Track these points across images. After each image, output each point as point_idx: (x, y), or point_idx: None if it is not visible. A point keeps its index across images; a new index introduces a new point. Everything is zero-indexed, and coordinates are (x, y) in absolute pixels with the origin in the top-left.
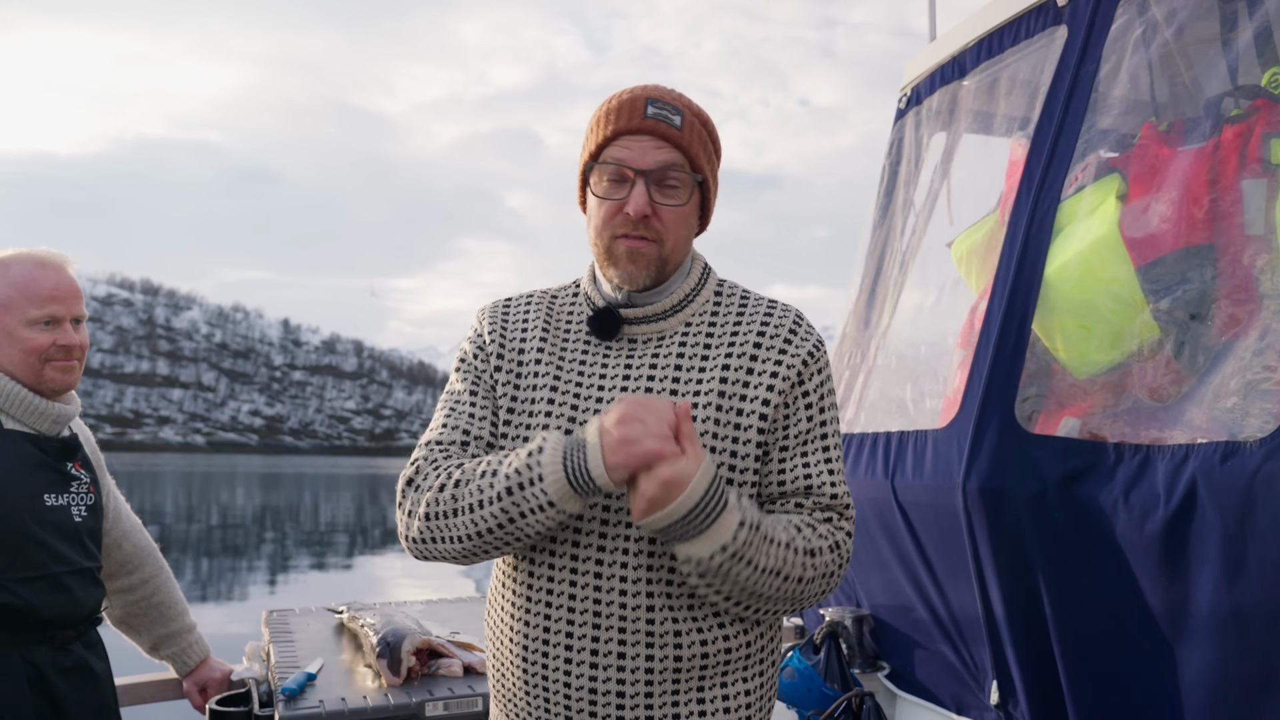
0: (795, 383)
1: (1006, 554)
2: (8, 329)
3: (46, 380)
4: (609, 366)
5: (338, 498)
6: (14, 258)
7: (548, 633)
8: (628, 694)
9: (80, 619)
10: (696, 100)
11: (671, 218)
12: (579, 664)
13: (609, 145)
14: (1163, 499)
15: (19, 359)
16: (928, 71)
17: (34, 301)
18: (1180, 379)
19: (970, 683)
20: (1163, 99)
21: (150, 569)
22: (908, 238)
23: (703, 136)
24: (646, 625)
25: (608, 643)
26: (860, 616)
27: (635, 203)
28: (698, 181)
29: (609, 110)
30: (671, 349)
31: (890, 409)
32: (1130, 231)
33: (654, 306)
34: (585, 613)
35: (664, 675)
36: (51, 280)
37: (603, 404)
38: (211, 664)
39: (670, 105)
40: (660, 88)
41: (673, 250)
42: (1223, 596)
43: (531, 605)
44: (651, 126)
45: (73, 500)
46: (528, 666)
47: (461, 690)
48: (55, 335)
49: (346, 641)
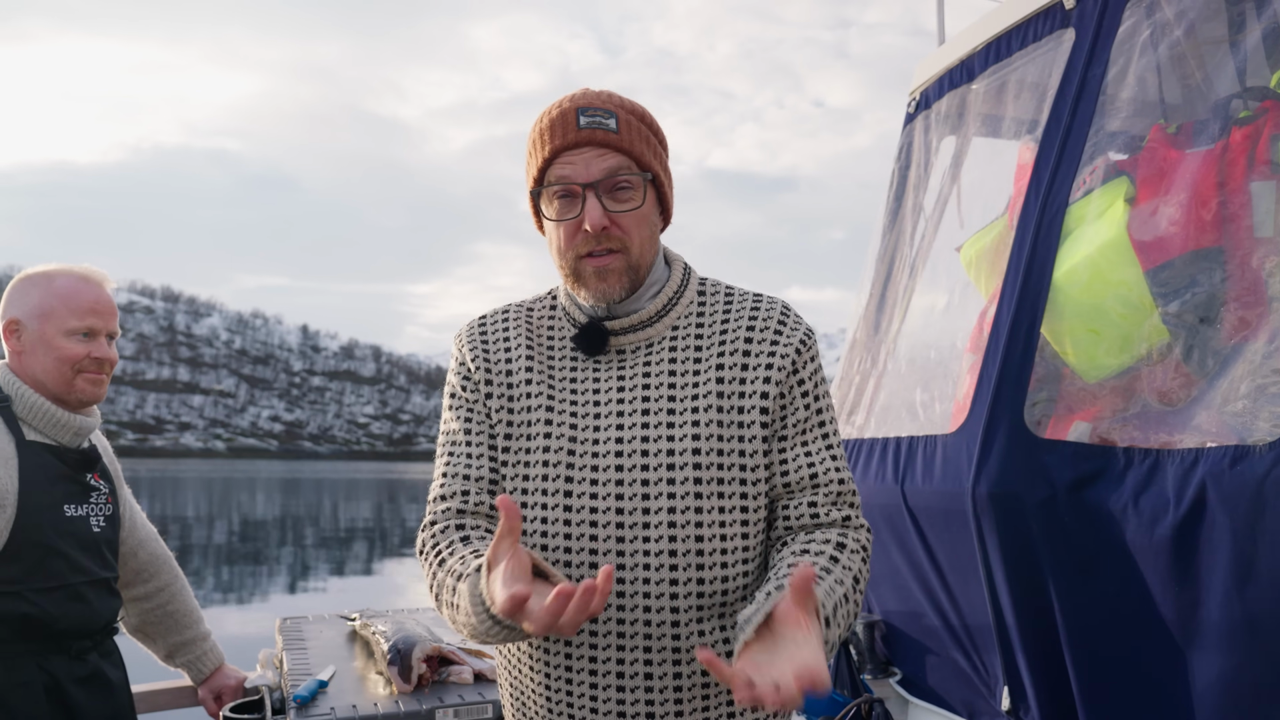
0: (790, 371)
1: (1016, 559)
2: (46, 337)
3: (76, 390)
4: (601, 380)
5: (357, 503)
6: (58, 271)
7: (570, 658)
8: (657, 714)
9: (97, 629)
10: (709, 100)
11: (631, 222)
12: (605, 687)
13: (550, 166)
14: (1172, 503)
15: (53, 367)
16: (936, 75)
17: (75, 313)
18: (1190, 383)
19: (981, 689)
20: (1171, 101)
21: (165, 577)
22: (917, 242)
23: (643, 132)
24: (673, 642)
25: (634, 663)
26: (871, 622)
27: (591, 217)
28: (648, 179)
29: (542, 130)
30: (663, 355)
31: (900, 414)
32: (1139, 235)
33: (638, 315)
34: (609, 634)
35: (693, 693)
36: (93, 294)
37: (600, 419)
38: (226, 671)
39: (602, 110)
40: (589, 93)
41: (640, 254)
42: (1233, 601)
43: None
44: (588, 137)
45: (92, 511)
46: (551, 695)
47: (472, 697)
48: (90, 347)
49: (359, 649)
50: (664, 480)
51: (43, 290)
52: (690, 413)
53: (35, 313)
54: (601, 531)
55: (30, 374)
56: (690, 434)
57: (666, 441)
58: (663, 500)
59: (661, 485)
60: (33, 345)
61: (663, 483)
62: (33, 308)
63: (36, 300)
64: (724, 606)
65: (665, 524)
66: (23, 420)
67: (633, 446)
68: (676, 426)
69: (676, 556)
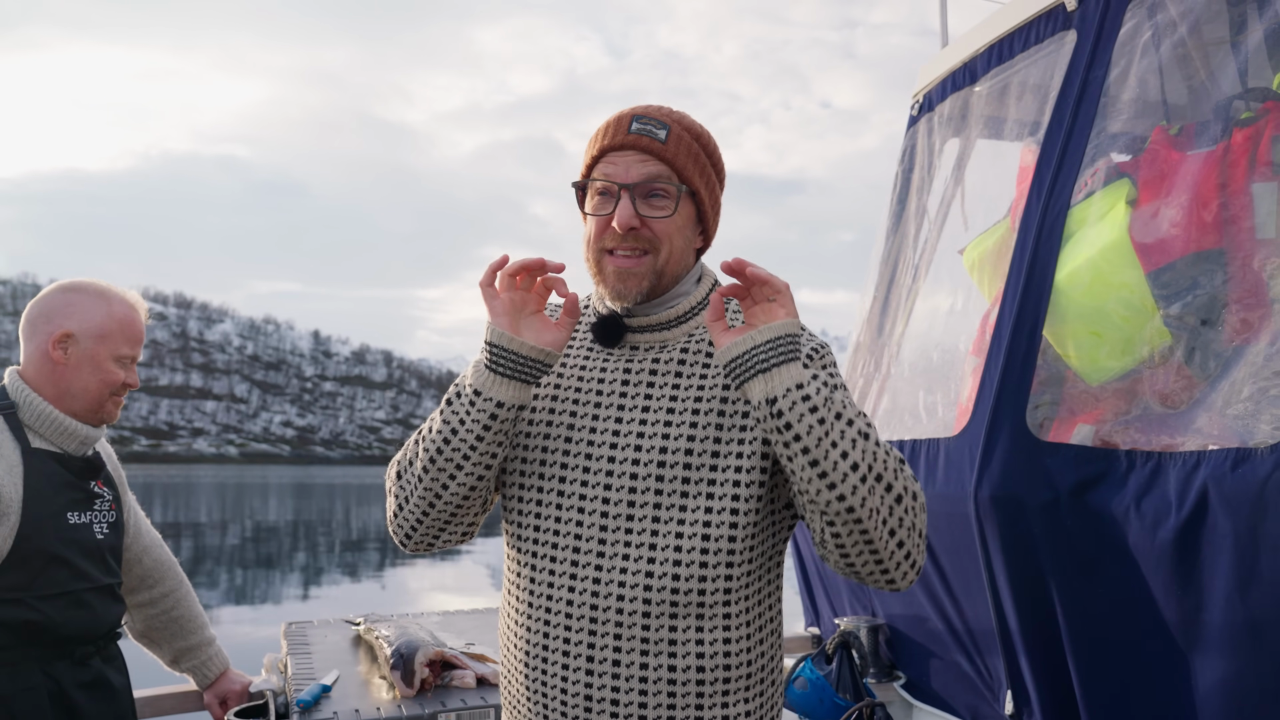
0: None
1: (1019, 563)
2: (98, 359)
3: (104, 412)
4: (608, 370)
5: (369, 508)
6: (111, 293)
7: (547, 638)
8: (622, 702)
9: (100, 634)
10: (716, 102)
11: (662, 228)
12: (575, 669)
13: (597, 163)
14: (1174, 507)
15: (95, 387)
16: (940, 78)
17: (128, 340)
18: (1191, 385)
19: (985, 693)
20: (1172, 102)
21: (170, 583)
22: (921, 245)
23: (693, 149)
24: (642, 632)
25: (603, 649)
26: (876, 626)
27: (621, 215)
28: (687, 193)
29: (599, 131)
30: (673, 356)
31: (903, 417)
32: (1140, 237)
33: (657, 316)
34: (582, 619)
35: (659, 686)
36: (140, 324)
37: (601, 408)
38: (231, 676)
39: (656, 120)
40: (652, 106)
41: (668, 261)
42: (1235, 604)
43: (533, 611)
44: (634, 141)
45: (95, 518)
46: (530, 672)
47: (474, 701)
48: (128, 374)
49: (363, 653)
50: (653, 476)
51: (104, 313)
52: (690, 414)
53: (94, 332)
54: (588, 518)
55: (62, 387)
56: (687, 434)
57: (661, 439)
58: (649, 495)
59: (650, 480)
60: (80, 361)
61: (651, 478)
62: (92, 327)
63: (98, 321)
64: (701, 608)
65: (650, 518)
66: (29, 427)
67: (628, 440)
68: (674, 425)
69: (655, 550)
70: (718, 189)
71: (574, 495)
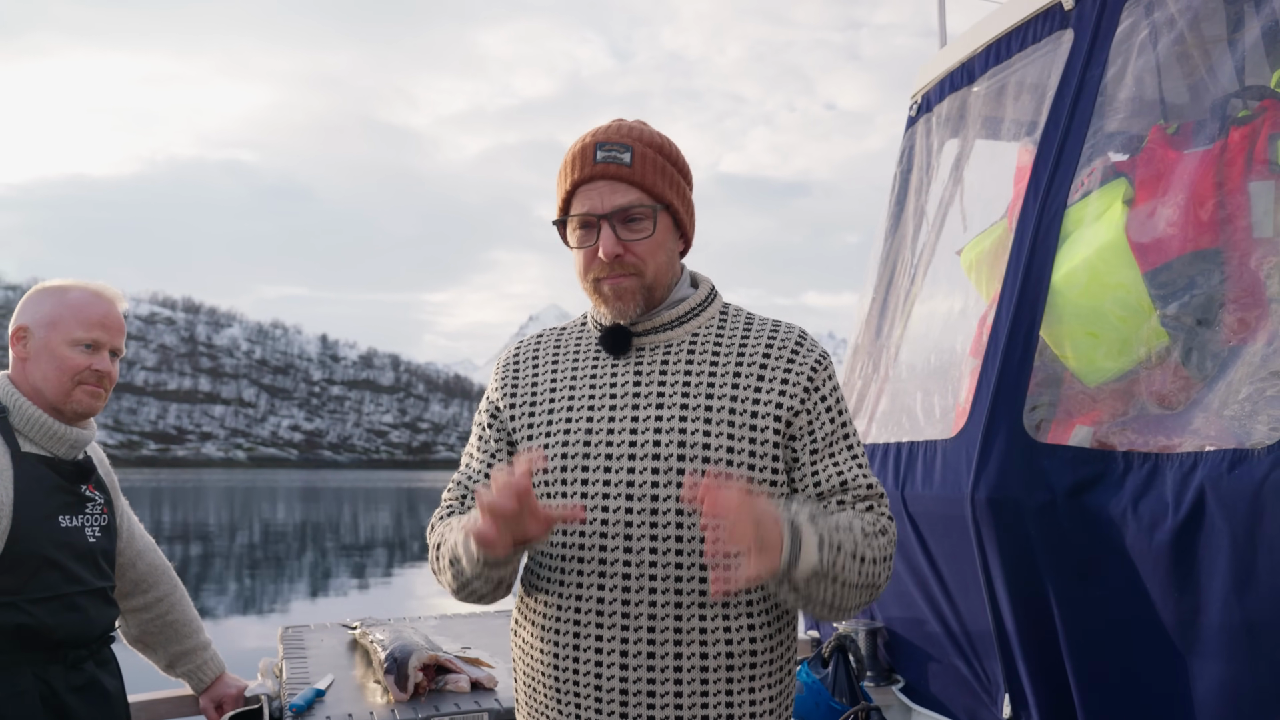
0: (809, 389)
1: (1016, 565)
2: (51, 346)
3: (73, 400)
4: (619, 376)
5: (376, 511)
6: (73, 285)
7: (578, 637)
8: (658, 693)
9: (93, 638)
10: (720, 104)
11: (644, 250)
12: (609, 665)
13: (572, 198)
14: (1171, 508)
15: (53, 376)
16: (937, 78)
17: (82, 324)
18: (1189, 385)
19: (983, 696)
20: (1169, 101)
21: (164, 588)
22: (920, 246)
23: (658, 163)
24: (674, 623)
25: (637, 642)
26: (874, 629)
27: (605, 246)
28: (661, 208)
29: (566, 164)
30: (680, 355)
31: (901, 419)
32: (1137, 236)
33: (660, 318)
34: (614, 614)
35: (691, 675)
36: (103, 309)
37: (615, 411)
38: (226, 680)
39: (618, 144)
40: (611, 127)
41: (655, 277)
42: (1233, 606)
43: (561, 612)
44: (603, 171)
45: (87, 522)
46: (559, 673)
47: (468, 706)
48: (93, 360)
49: (358, 658)
50: (674, 470)
51: (55, 301)
52: (704, 410)
53: (44, 321)
54: (611, 517)
55: (30, 382)
56: (702, 429)
57: (679, 434)
58: (672, 489)
59: (672, 475)
60: (37, 352)
61: (673, 472)
62: (43, 316)
63: (47, 310)
64: (727, 596)
65: (674, 510)
66: (19, 432)
67: (645, 437)
68: (689, 420)
69: (683, 542)
70: (688, 192)
71: (598, 495)
